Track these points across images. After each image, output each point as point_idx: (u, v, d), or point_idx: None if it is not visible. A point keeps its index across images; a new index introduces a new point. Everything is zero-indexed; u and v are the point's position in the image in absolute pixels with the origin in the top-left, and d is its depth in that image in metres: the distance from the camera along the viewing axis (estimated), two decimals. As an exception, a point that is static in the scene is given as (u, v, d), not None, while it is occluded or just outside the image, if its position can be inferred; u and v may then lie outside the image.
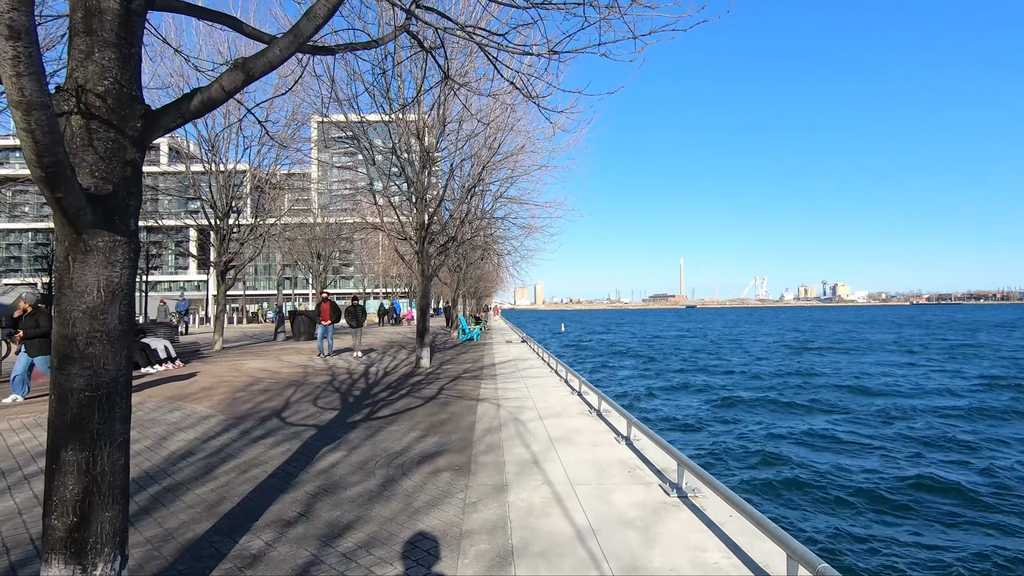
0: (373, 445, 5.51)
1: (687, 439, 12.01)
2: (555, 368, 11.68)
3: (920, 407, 15.01)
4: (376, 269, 51.85)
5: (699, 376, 22.61)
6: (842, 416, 14.13)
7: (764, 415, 14.44)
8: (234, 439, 5.79)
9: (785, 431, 12.40)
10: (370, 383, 9.84)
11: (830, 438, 11.78)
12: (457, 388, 9.30)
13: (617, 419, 6.59)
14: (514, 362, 13.47)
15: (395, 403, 7.84)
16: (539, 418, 6.85)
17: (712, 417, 14.23)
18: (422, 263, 11.92)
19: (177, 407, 7.47)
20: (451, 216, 12.05)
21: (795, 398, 16.66)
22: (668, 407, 15.75)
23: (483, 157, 11.36)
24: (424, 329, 12.20)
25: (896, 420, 13.44)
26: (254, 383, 9.70)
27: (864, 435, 12.04)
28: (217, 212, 16.51)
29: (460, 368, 12.18)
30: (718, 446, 11.19)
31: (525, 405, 7.67)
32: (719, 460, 10.33)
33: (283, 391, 8.85)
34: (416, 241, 11.84)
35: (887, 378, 21.00)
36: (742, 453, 10.67)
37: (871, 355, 30.74)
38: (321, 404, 7.73)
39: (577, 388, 8.78)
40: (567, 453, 5.24)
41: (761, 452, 10.56)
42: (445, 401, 8.03)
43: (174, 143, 15.67)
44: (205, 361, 13.45)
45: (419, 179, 11.58)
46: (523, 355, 15.38)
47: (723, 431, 12.63)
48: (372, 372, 11.36)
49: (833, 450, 10.93)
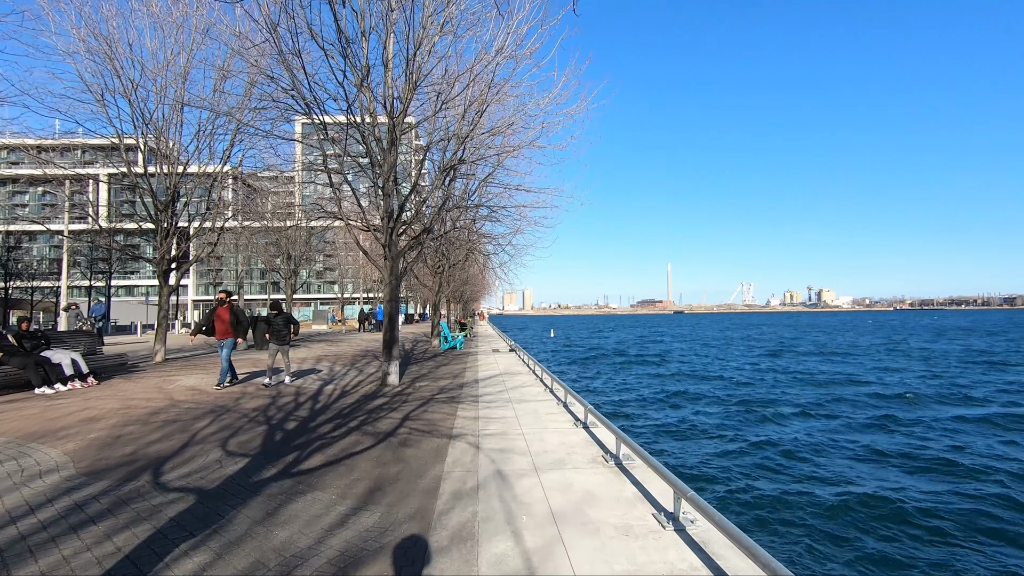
0: (266, 536, 3.41)
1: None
2: (550, 386, 9.63)
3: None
4: (359, 273, 49.49)
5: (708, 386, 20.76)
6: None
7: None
8: (53, 519, 3.65)
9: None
10: (316, 409, 7.71)
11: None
12: (426, 416, 7.20)
13: (650, 476, 4.57)
14: (501, 377, 11.40)
15: (336, 443, 5.73)
16: (534, 470, 4.80)
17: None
18: (390, 259, 9.83)
19: (21, 452, 5.29)
20: (424, 202, 9.95)
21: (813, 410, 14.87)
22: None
23: (463, 130, 9.32)
24: (392, 339, 10.09)
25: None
26: (163, 410, 7.53)
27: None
28: (156, 203, 14.28)
29: (436, 386, 10.08)
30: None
31: (514, 447, 5.60)
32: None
33: (193, 423, 6.69)
34: (383, 232, 9.76)
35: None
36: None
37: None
38: (232, 446, 5.60)
39: (583, 419, 6.72)
40: (582, 550, 3.19)
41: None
42: (405, 439, 5.94)
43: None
44: (131, 377, 11.20)
45: (386, 159, 9.52)
46: (512, 368, 13.32)
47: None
48: (326, 393, 9.22)
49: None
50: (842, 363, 29.59)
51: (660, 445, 12.01)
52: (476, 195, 11.25)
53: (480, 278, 33.27)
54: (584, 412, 6.59)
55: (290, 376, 10.32)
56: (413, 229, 10.54)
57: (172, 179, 14.29)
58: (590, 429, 6.36)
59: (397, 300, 10.15)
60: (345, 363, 14.08)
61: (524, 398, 8.72)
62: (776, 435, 12.71)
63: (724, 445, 11.95)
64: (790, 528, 7.63)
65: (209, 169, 14.96)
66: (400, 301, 59.74)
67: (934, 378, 22.84)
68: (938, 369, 26.23)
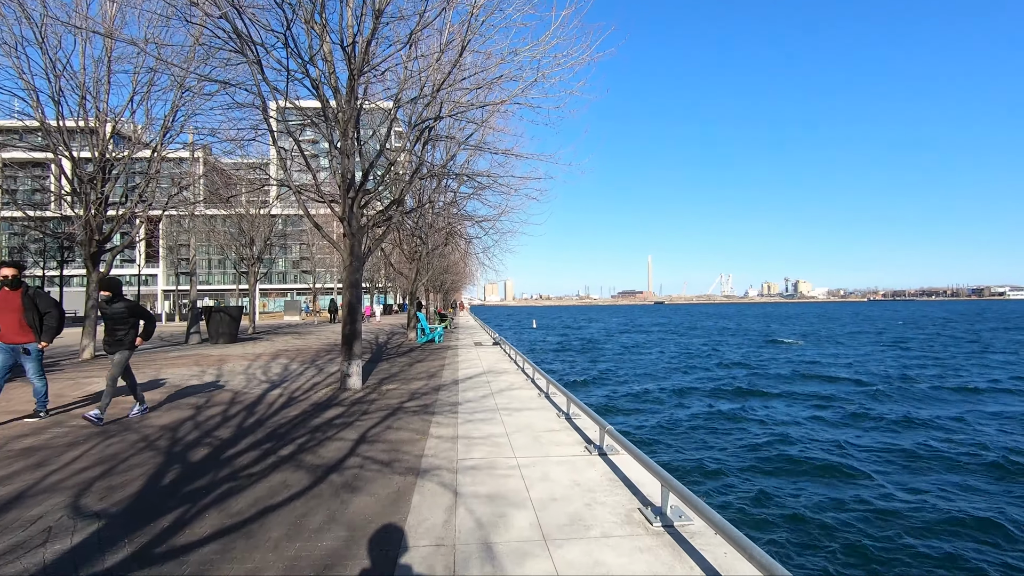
0: None
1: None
2: (546, 390, 7.94)
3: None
4: (335, 261, 46.84)
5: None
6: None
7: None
8: None
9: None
10: (247, 426, 5.91)
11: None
12: (389, 437, 5.47)
13: (729, 555, 2.91)
14: (485, 377, 9.71)
15: (251, 488, 3.97)
16: (541, 539, 3.12)
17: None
18: (349, 235, 8.01)
19: None
20: (391, 166, 8.07)
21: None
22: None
23: (438, 79, 7.50)
24: (353, 334, 8.28)
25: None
26: (40, 431, 5.66)
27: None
28: (80, 176, 12.14)
29: (406, 389, 8.33)
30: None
31: (507, 491, 3.91)
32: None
33: (65, 452, 4.85)
34: (340, 203, 7.93)
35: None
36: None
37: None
38: (90, 498, 3.79)
39: (597, 440, 5.04)
40: None
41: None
42: (354, 478, 4.21)
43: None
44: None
45: (343, 110, 7.67)
46: (497, 365, 11.63)
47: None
48: (267, 401, 7.41)
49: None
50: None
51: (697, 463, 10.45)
52: (455, 163, 9.44)
53: (461, 266, 31.46)
54: (599, 432, 4.92)
55: (139, 407, 6.46)
56: (382, 199, 8.69)
57: (100, 144, 12.16)
58: (609, 457, 4.70)
59: (359, 286, 8.34)
60: (305, 360, 12.22)
61: (514, 405, 7.04)
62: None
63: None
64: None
65: (148, 141, 12.85)
66: (382, 291, 57.39)
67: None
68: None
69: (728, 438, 11.31)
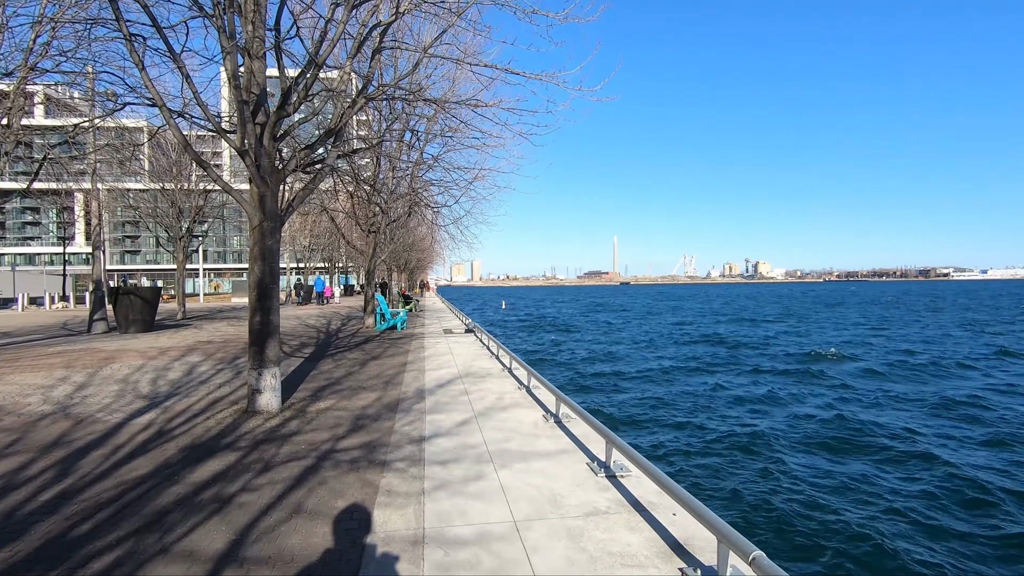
0: None
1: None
2: (556, 411, 5.40)
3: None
4: (294, 239, 42.37)
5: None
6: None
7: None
8: None
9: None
10: (45, 502, 3.18)
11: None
12: (297, 533, 2.85)
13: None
14: (461, 385, 7.13)
15: None
16: None
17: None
18: (258, 180, 5.21)
19: None
20: (313, 79, 5.20)
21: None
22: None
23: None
24: (266, 330, 5.51)
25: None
26: None
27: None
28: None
29: (348, 412, 5.67)
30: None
31: None
32: None
33: None
34: (240, 131, 5.10)
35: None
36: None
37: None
38: None
39: (706, 561, 2.57)
40: None
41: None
42: None
43: None
44: None
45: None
46: (475, 363, 9.06)
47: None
48: (113, 444, 4.64)
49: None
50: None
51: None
52: (416, 78, 6.60)
53: (428, 242, 28.50)
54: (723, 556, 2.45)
55: None
56: (304, 132, 5.85)
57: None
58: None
59: (275, 257, 5.56)
60: (222, 359, 9.32)
61: (515, 443, 4.50)
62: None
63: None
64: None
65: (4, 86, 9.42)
66: (343, 271, 53.19)
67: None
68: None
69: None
